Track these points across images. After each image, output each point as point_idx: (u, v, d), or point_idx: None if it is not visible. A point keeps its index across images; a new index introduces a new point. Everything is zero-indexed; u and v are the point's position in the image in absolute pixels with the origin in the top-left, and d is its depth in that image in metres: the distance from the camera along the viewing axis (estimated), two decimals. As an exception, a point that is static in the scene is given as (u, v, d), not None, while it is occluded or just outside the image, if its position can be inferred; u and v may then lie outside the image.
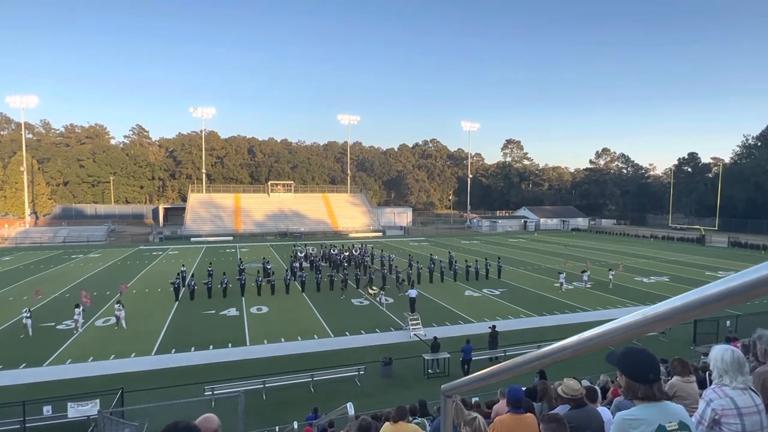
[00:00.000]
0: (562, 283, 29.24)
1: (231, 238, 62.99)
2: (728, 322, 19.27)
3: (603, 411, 4.19)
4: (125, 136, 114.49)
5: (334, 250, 40.06)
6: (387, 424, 5.79)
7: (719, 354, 2.65)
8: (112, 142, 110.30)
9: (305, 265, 35.95)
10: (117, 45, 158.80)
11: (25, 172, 68.27)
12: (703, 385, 5.14)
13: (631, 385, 2.15)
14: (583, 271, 31.05)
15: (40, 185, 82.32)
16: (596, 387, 6.32)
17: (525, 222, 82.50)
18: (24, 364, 16.80)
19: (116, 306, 21.64)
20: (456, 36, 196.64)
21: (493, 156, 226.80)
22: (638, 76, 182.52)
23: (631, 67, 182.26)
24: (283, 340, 19.79)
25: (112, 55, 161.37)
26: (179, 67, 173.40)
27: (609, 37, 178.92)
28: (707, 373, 5.67)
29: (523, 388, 4.74)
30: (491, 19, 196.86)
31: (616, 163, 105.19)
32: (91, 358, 17.45)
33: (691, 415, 2.38)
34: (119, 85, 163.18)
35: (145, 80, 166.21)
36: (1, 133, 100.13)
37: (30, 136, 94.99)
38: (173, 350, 18.44)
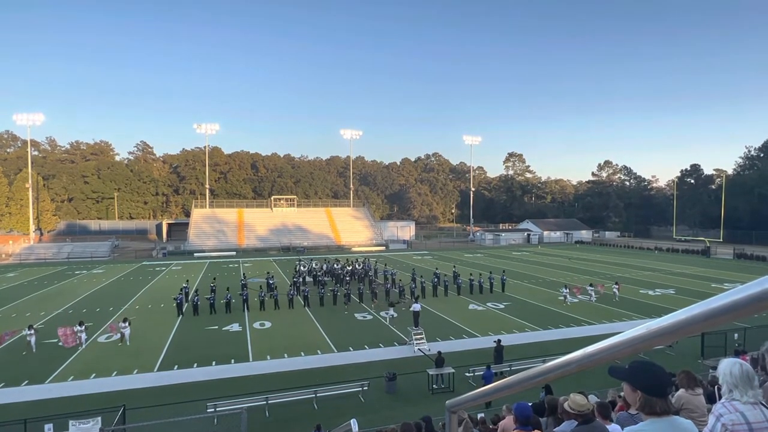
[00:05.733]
0: (566, 296, 29.04)
1: (234, 253, 62.98)
2: (736, 335, 19.02)
3: (614, 429, 4.11)
4: (130, 153, 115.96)
5: (337, 265, 40.00)
6: (392, 441, 5.71)
7: (728, 368, 2.60)
8: (117, 158, 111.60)
9: (308, 279, 35.87)
10: (122, 63, 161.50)
11: (30, 189, 68.81)
12: (711, 399, 5.06)
13: (649, 400, 2.07)
14: (591, 285, 30.75)
15: (45, 201, 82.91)
16: (608, 402, 6.20)
17: (528, 235, 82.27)
18: (26, 381, 16.71)
19: (122, 323, 21.57)
20: (457, 50, 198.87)
21: (495, 169, 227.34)
22: (639, 88, 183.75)
23: (633, 79, 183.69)
24: (286, 355, 19.64)
25: (118, 72, 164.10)
26: (184, 85, 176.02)
27: (610, 50, 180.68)
28: (716, 387, 5.57)
29: (530, 404, 4.66)
30: (493, 33, 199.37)
31: (618, 175, 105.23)
32: (93, 375, 17.35)
33: (699, 430, 2.33)
34: (124, 102, 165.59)
35: (150, 97, 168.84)
36: (8, 150, 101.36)
37: (36, 153, 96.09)
38: (176, 366, 18.33)
